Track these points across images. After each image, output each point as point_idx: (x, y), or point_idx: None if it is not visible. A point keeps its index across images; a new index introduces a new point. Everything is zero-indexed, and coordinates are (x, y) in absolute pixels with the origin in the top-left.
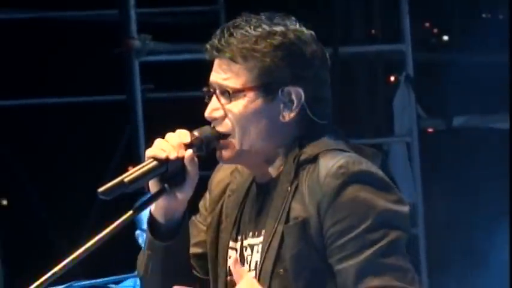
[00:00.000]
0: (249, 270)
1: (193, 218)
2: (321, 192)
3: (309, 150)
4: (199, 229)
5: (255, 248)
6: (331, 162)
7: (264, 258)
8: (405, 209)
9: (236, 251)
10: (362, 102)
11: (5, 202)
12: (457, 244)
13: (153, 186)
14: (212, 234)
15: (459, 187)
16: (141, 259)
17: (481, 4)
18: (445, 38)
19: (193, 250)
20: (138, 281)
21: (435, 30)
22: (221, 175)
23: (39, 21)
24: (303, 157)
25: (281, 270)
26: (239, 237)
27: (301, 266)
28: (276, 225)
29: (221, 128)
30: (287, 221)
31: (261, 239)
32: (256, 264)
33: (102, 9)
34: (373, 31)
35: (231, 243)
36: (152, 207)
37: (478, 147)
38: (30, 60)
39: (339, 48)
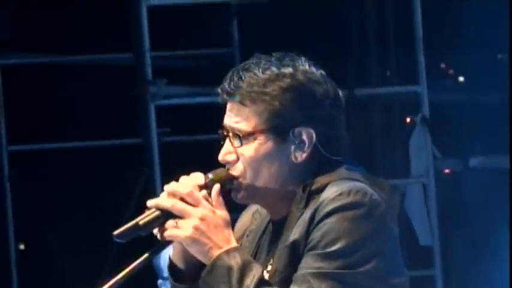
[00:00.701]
0: None
1: None
2: (316, 212)
3: (321, 180)
4: None
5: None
6: (335, 189)
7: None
8: (377, 263)
9: None
10: (378, 144)
11: (22, 246)
12: (475, 284)
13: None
14: None
15: (476, 228)
16: None
17: (497, 45)
18: (461, 79)
19: None
20: None
21: (451, 71)
22: (244, 219)
23: (55, 66)
24: (314, 186)
25: None
26: None
27: None
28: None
29: (234, 171)
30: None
31: (269, 268)
32: None
33: (117, 53)
34: (388, 73)
35: None
36: (170, 252)
37: (495, 188)
38: (47, 105)
39: (354, 90)
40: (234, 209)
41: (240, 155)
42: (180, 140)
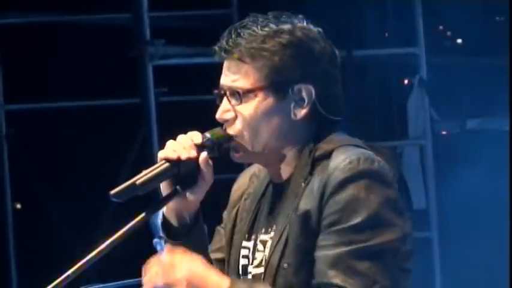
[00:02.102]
0: (258, 266)
1: (218, 227)
2: (327, 183)
3: (324, 146)
4: (221, 235)
5: (267, 244)
6: (343, 157)
7: (271, 253)
8: (402, 222)
9: (249, 249)
10: (375, 105)
11: (18, 206)
12: (472, 248)
13: (164, 188)
14: (227, 237)
15: (472, 189)
16: None
17: (495, 7)
18: (459, 40)
19: (214, 255)
20: None
21: (448, 33)
22: (241, 181)
23: (53, 25)
24: (318, 153)
25: (285, 264)
26: (253, 236)
27: (302, 259)
28: (287, 222)
29: (232, 130)
30: (294, 214)
31: (271, 234)
32: (265, 259)
33: (115, 13)
34: (386, 34)
35: (244, 243)
36: (164, 209)
37: (492, 150)
38: (45, 64)
39: (352, 51)
40: (231, 170)
41: (238, 113)
42: (177, 100)
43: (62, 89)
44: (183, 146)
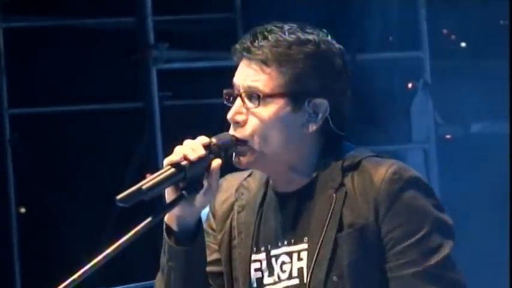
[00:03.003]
0: (287, 278)
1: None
2: (378, 197)
3: (349, 157)
4: (211, 249)
5: (295, 255)
6: (382, 168)
7: (313, 265)
8: (447, 214)
9: (261, 262)
10: (379, 109)
11: (23, 210)
12: (477, 252)
13: (169, 194)
14: (225, 252)
15: (477, 193)
16: (160, 277)
17: (499, 11)
18: (463, 44)
19: (209, 269)
20: None
21: (453, 37)
22: (223, 196)
23: (57, 29)
24: (346, 163)
25: (335, 277)
26: (262, 248)
27: (359, 273)
28: (324, 232)
29: (241, 133)
30: (340, 228)
31: (304, 246)
32: (300, 271)
33: (119, 17)
34: (390, 38)
35: (254, 256)
36: (166, 216)
37: (496, 154)
38: (47, 68)
39: (356, 55)
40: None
41: (252, 115)
42: (181, 104)
43: (66, 93)
44: (191, 148)
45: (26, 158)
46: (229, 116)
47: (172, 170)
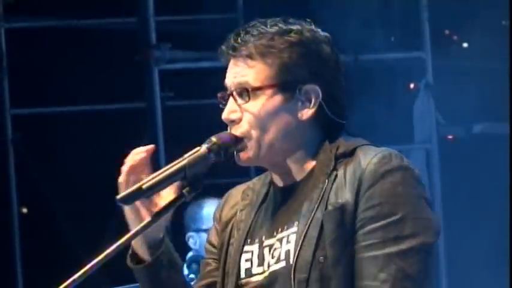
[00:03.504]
0: (275, 262)
1: (205, 260)
2: (361, 177)
3: (343, 145)
4: (210, 268)
5: (284, 240)
6: (372, 153)
7: (300, 246)
8: (436, 218)
9: (252, 252)
10: (382, 109)
11: (25, 210)
12: (477, 252)
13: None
14: (223, 251)
15: (479, 194)
16: None
17: (501, 11)
18: (465, 45)
19: None
20: None
21: (455, 37)
22: (232, 202)
23: (59, 30)
24: (340, 150)
25: (321, 257)
26: (256, 239)
27: (340, 251)
28: (312, 215)
29: (238, 130)
30: (326, 209)
31: (294, 229)
32: (287, 253)
33: (121, 18)
34: (392, 38)
35: (246, 247)
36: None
37: (498, 154)
38: (52, 68)
39: (359, 55)
40: (233, 175)
41: (245, 111)
42: (183, 104)
43: (68, 93)
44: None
45: (28, 158)
46: (223, 116)
47: (173, 169)
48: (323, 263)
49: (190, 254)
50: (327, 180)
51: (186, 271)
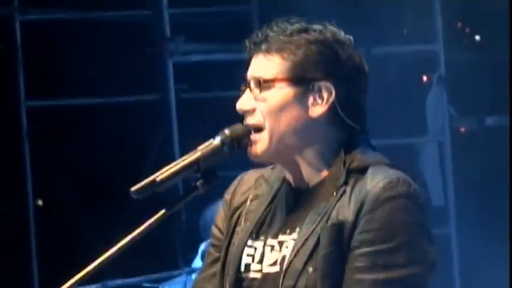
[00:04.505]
0: (273, 264)
1: (210, 249)
2: (365, 199)
3: (358, 160)
4: (212, 259)
5: (285, 244)
6: (382, 176)
7: (294, 255)
8: (433, 251)
9: (255, 249)
10: (395, 102)
11: (40, 202)
12: (490, 243)
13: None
14: (227, 237)
15: (491, 185)
16: None
17: (509, 8)
18: (477, 37)
19: (201, 284)
20: (188, 277)
21: (467, 30)
22: (244, 187)
23: (73, 22)
24: (353, 165)
25: (311, 268)
26: (261, 237)
27: (331, 267)
28: (314, 226)
29: (252, 120)
30: (326, 223)
31: (294, 236)
32: (282, 259)
33: (136, 10)
34: (405, 31)
35: (250, 242)
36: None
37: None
38: (66, 61)
39: (371, 48)
40: (246, 167)
41: (258, 102)
42: (197, 96)
43: (82, 85)
44: None
45: (43, 150)
46: (237, 106)
47: (186, 161)
48: (311, 275)
49: (203, 246)
50: (335, 194)
51: (200, 263)
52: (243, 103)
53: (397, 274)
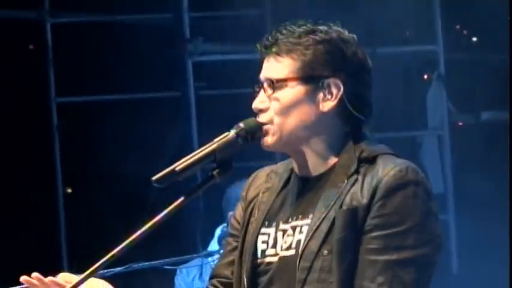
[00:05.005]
0: (286, 249)
1: (228, 238)
2: (377, 186)
3: (367, 150)
4: (231, 247)
5: (298, 229)
6: (392, 165)
7: (309, 238)
8: (440, 233)
9: (269, 235)
10: (398, 99)
11: (69, 190)
12: (486, 229)
13: None
14: (243, 228)
15: (486, 176)
16: None
17: (509, 7)
18: (474, 39)
19: (220, 270)
20: (205, 260)
21: (465, 32)
22: (258, 182)
23: (101, 25)
24: (364, 154)
25: (326, 251)
26: (274, 223)
27: (346, 249)
28: (328, 211)
29: (265, 118)
30: (340, 208)
31: (307, 221)
32: (298, 243)
33: (158, 14)
34: (408, 33)
35: (263, 229)
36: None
37: (506, 140)
38: (92, 61)
39: (377, 49)
40: (260, 158)
41: (272, 101)
42: (215, 93)
43: (108, 83)
44: None
45: (72, 142)
46: (253, 106)
47: (203, 152)
48: (326, 257)
49: (218, 230)
50: (346, 181)
51: (217, 246)
52: (259, 103)
53: (408, 255)
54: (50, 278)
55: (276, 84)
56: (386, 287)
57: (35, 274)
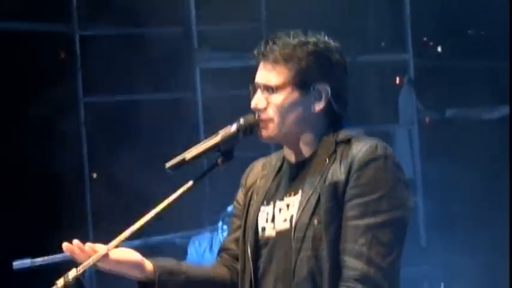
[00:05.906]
0: (282, 223)
1: (233, 218)
2: (352, 162)
3: (344, 134)
4: (235, 226)
5: (290, 204)
6: (363, 143)
7: (301, 211)
8: (411, 198)
9: (267, 213)
10: (374, 98)
11: (95, 175)
12: (448, 208)
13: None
14: (244, 210)
15: (449, 164)
16: None
17: (467, 22)
18: (439, 49)
19: (227, 245)
20: (214, 233)
21: (431, 43)
22: (255, 171)
23: (122, 36)
24: (340, 138)
25: (315, 221)
26: (271, 202)
27: (331, 218)
28: (314, 187)
29: (264, 115)
30: (324, 183)
31: (298, 197)
32: (291, 217)
33: (170, 26)
34: (383, 44)
35: (262, 208)
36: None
37: (466, 134)
38: (115, 66)
39: (356, 57)
40: (257, 149)
41: (270, 101)
42: (219, 95)
43: (129, 85)
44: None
45: (97, 136)
46: (252, 105)
47: (209, 144)
48: (316, 226)
49: (229, 208)
50: (327, 160)
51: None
52: (257, 102)
53: (384, 218)
54: (88, 244)
55: (273, 89)
56: (366, 246)
57: (76, 241)
